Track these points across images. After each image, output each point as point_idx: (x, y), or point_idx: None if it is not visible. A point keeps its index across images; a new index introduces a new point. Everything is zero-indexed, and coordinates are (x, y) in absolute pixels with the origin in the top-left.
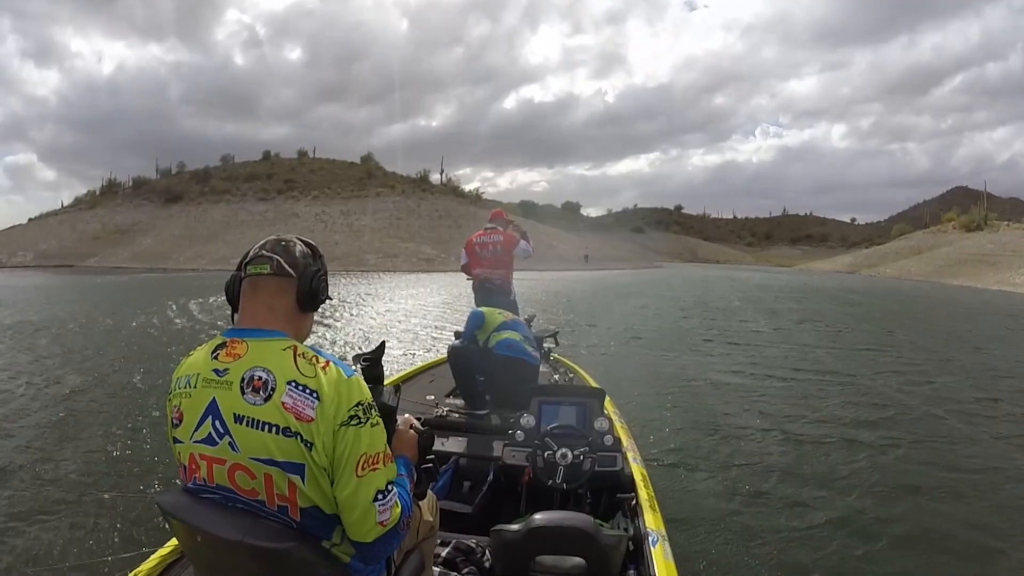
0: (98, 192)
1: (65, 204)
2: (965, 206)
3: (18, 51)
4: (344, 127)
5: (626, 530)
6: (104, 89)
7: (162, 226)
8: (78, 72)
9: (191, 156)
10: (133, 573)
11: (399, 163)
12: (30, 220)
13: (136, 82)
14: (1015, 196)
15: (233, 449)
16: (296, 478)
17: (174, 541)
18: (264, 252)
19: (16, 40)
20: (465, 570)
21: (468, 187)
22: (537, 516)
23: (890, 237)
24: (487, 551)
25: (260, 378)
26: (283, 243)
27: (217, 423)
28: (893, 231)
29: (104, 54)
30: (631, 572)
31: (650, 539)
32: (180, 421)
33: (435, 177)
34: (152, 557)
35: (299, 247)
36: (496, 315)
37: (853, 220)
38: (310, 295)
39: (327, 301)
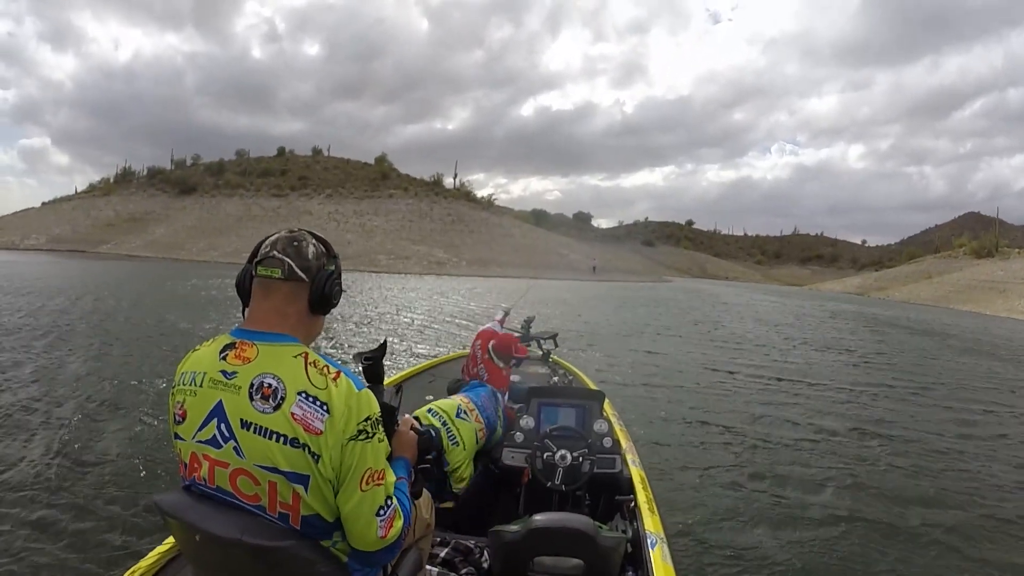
0: (112, 180)
1: (79, 190)
2: (977, 232)
3: (35, 34)
4: (360, 124)
5: (625, 532)
6: (120, 76)
7: (175, 216)
8: (94, 58)
9: (205, 147)
10: (131, 570)
11: (414, 165)
12: (43, 204)
13: (152, 70)
14: None
15: (238, 455)
16: (300, 488)
17: (172, 539)
18: (275, 253)
19: (33, 22)
20: (464, 570)
21: (481, 193)
22: (536, 517)
23: (901, 261)
24: (485, 551)
25: (270, 385)
26: (295, 243)
27: (223, 426)
28: (904, 255)
29: (121, 41)
30: (630, 574)
31: (649, 541)
32: (183, 418)
33: (448, 181)
34: (151, 554)
35: (312, 247)
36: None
37: (864, 242)
38: (323, 299)
39: (342, 295)
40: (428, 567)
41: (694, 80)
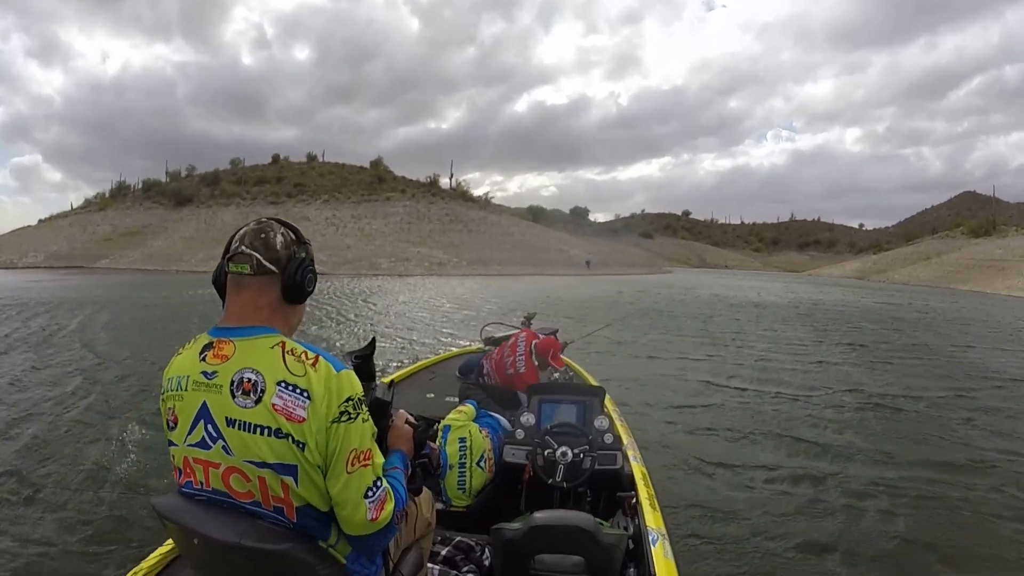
0: (108, 194)
1: (75, 206)
2: (973, 211)
3: (22, 49)
4: (353, 129)
5: (626, 529)
6: (109, 89)
7: (173, 228)
8: (82, 72)
9: (198, 157)
10: (132, 572)
11: (410, 167)
12: (40, 221)
13: (142, 82)
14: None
15: (227, 453)
16: (289, 479)
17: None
18: (243, 249)
19: (20, 38)
20: (465, 568)
21: (477, 191)
22: (537, 514)
23: (898, 243)
24: (487, 549)
25: (250, 380)
26: (262, 235)
27: (210, 427)
28: (901, 237)
29: (109, 54)
30: (631, 571)
31: (650, 538)
32: (175, 424)
33: (445, 181)
34: (151, 556)
35: (280, 237)
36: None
37: (861, 225)
38: (295, 288)
39: (316, 285)
40: (429, 565)
41: (689, 69)
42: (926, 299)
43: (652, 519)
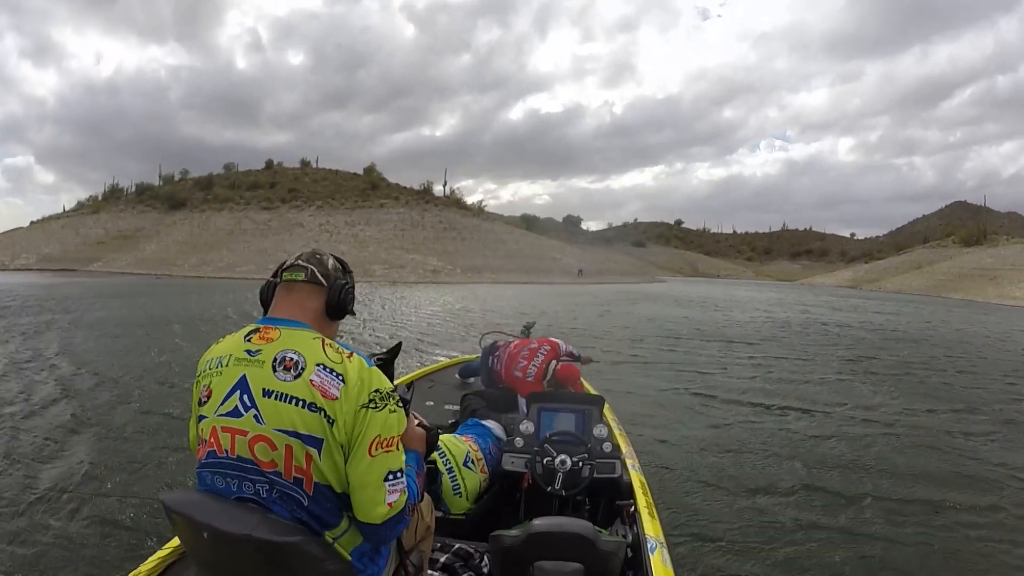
0: (100, 197)
1: (67, 208)
2: (964, 221)
3: (16, 49)
4: (347, 135)
5: (625, 537)
6: (103, 91)
7: (166, 232)
8: (76, 73)
9: (191, 161)
10: (132, 574)
11: (403, 174)
12: (32, 223)
13: (135, 84)
14: (1014, 211)
15: (258, 421)
16: (314, 451)
17: (174, 541)
18: (300, 262)
19: (13, 38)
20: (464, 575)
21: (470, 199)
22: (536, 522)
23: (889, 252)
24: (486, 556)
25: (292, 359)
26: (318, 256)
27: (245, 397)
28: (892, 246)
29: (103, 55)
30: None
31: (649, 546)
32: (208, 398)
33: (438, 188)
34: (151, 558)
35: (332, 261)
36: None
37: (852, 235)
38: (338, 305)
39: (353, 316)
40: (429, 572)
41: (684, 78)
42: (927, 309)
43: (651, 527)
